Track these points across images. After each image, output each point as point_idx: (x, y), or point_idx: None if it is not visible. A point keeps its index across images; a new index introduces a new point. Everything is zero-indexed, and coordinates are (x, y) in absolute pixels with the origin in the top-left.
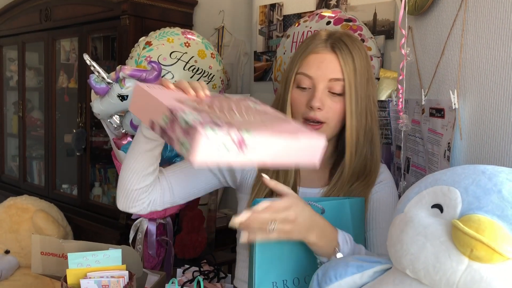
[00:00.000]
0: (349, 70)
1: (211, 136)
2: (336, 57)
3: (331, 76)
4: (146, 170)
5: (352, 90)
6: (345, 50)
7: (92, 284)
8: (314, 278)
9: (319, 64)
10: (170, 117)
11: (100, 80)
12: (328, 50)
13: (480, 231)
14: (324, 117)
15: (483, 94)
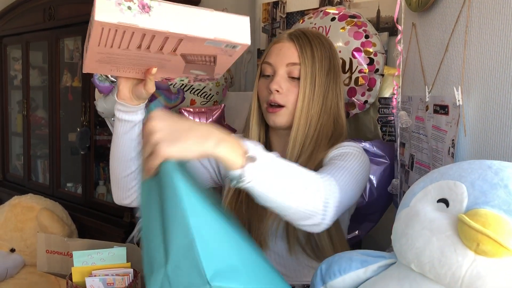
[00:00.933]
0: (306, 56)
1: None
2: (293, 44)
3: (288, 61)
4: (129, 155)
5: (307, 73)
6: (303, 39)
7: (97, 281)
8: (317, 273)
9: (278, 51)
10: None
11: (104, 79)
12: (287, 39)
13: (487, 225)
14: (283, 100)
15: (487, 90)
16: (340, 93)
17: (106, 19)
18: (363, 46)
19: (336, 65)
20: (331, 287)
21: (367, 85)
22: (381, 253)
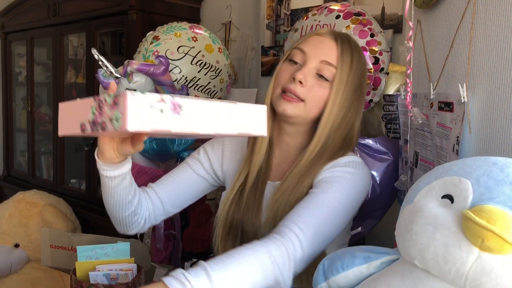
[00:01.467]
0: (345, 61)
1: (140, 96)
2: (335, 44)
3: (324, 58)
4: (125, 200)
5: (342, 81)
6: (346, 43)
7: (100, 276)
8: (320, 268)
9: (317, 43)
10: (98, 103)
11: (108, 75)
12: (330, 36)
13: (492, 221)
14: (304, 95)
15: (493, 87)
16: (360, 113)
17: (139, 127)
18: (368, 45)
19: (364, 84)
20: (334, 283)
21: (372, 84)
22: (384, 249)
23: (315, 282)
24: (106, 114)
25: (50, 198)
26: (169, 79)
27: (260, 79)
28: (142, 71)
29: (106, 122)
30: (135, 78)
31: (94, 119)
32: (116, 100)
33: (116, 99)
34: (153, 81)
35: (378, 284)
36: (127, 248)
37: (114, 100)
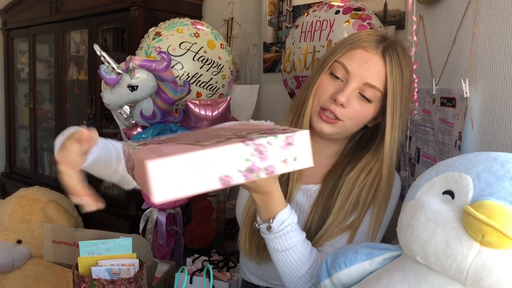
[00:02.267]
0: (395, 83)
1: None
2: (383, 64)
3: (368, 81)
4: (108, 173)
5: (396, 105)
6: (395, 60)
7: (103, 272)
8: (323, 265)
9: (363, 62)
10: (254, 147)
11: (110, 71)
12: (377, 52)
13: (492, 216)
14: (343, 115)
15: (495, 82)
16: (406, 121)
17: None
18: None
19: (412, 90)
20: (337, 279)
21: None
22: (386, 245)
23: (318, 279)
24: (273, 157)
25: (53, 194)
26: (171, 75)
27: (262, 76)
28: (144, 67)
29: (277, 165)
30: (137, 74)
31: (250, 166)
32: (290, 140)
33: (289, 140)
34: (155, 77)
35: (381, 280)
36: (129, 243)
37: (286, 141)
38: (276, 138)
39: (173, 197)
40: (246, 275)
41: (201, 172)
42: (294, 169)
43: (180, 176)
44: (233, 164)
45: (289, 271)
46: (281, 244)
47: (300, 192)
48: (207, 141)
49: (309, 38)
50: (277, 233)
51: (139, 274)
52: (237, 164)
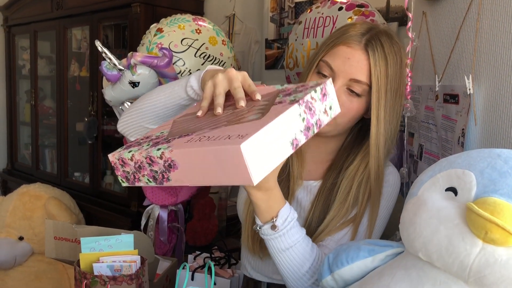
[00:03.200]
0: (380, 75)
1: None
2: (366, 58)
3: (353, 77)
4: (167, 117)
5: (381, 96)
6: (378, 52)
7: (104, 268)
8: (325, 262)
9: (345, 59)
10: (305, 105)
11: (112, 67)
12: (360, 47)
13: (495, 213)
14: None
15: (499, 78)
16: (401, 111)
17: (265, 173)
18: None
19: (404, 78)
20: (339, 275)
21: None
22: (388, 242)
23: (320, 276)
24: (318, 110)
25: (54, 191)
26: (172, 71)
27: (264, 72)
28: (145, 63)
29: (321, 117)
30: (139, 70)
31: (306, 124)
32: (324, 91)
33: (323, 91)
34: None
35: (383, 277)
36: (131, 240)
37: (322, 92)
38: (316, 92)
39: (264, 174)
40: (247, 271)
41: (278, 141)
42: (331, 117)
43: (265, 151)
44: (297, 126)
45: (292, 269)
46: (284, 243)
47: (301, 188)
48: (249, 115)
49: (312, 34)
50: (281, 231)
51: (141, 271)
52: (299, 125)
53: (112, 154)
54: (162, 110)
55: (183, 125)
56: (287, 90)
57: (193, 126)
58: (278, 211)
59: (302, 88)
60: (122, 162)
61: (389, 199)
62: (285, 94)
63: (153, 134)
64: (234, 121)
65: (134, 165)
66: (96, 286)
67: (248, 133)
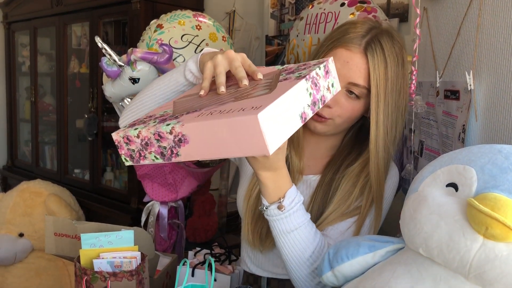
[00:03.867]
0: (379, 79)
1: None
2: (365, 62)
3: (352, 80)
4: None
5: (380, 100)
6: (378, 55)
7: (104, 264)
8: (325, 257)
9: (345, 62)
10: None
11: (112, 63)
12: (359, 50)
13: (496, 209)
14: (331, 114)
15: (500, 74)
16: (405, 110)
17: (279, 143)
18: None
19: (406, 79)
20: (339, 271)
21: None
22: (389, 238)
23: (320, 271)
24: (322, 86)
25: (54, 187)
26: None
27: None
28: (145, 59)
29: (325, 93)
30: (139, 67)
31: (313, 99)
32: (327, 69)
33: (326, 68)
34: (156, 69)
35: (383, 273)
36: (131, 236)
37: (325, 70)
38: (320, 69)
39: (279, 144)
40: (247, 267)
41: (289, 113)
42: (333, 94)
43: (279, 122)
44: (304, 100)
45: (295, 254)
46: (289, 224)
47: (301, 183)
48: (256, 92)
49: (313, 30)
50: (287, 212)
51: (141, 267)
52: (306, 99)
53: (116, 133)
54: (162, 99)
55: (187, 104)
56: (289, 69)
57: (198, 104)
58: (286, 192)
59: (304, 66)
60: (127, 140)
61: (388, 197)
62: (288, 72)
63: (157, 113)
64: (242, 97)
65: (140, 142)
66: (96, 282)
67: (262, 105)
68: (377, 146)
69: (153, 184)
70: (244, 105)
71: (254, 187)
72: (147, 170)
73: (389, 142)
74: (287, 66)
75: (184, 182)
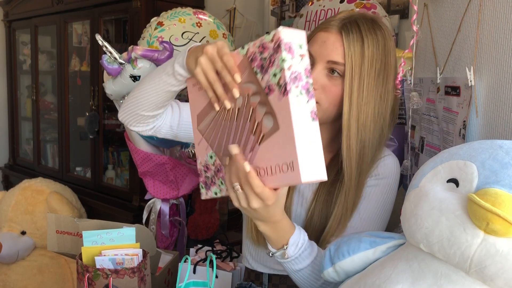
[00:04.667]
0: (354, 54)
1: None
2: (340, 38)
3: (330, 58)
4: (161, 104)
5: (355, 76)
6: (354, 33)
7: (106, 261)
8: (326, 254)
9: (322, 43)
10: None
11: (113, 61)
12: (335, 29)
13: (497, 204)
14: (317, 97)
15: (500, 70)
16: (388, 99)
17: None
18: None
19: (390, 64)
20: (340, 267)
21: None
22: (390, 234)
23: (321, 267)
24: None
25: (56, 185)
26: None
27: None
28: (146, 57)
29: (299, 69)
30: (139, 64)
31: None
32: (286, 45)
33: (285, 45)
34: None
35: (384, 268)
36: (133, 233)
37: (286, 48)
38: (284, 60)
39: (321, 165)
40: (249, 263)
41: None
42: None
43: (311, 153)
44: (304, 104)
45: (309, 284)
46: (298, 265)
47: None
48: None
49: (313, 27)
50: (293, 257)
51: (143, 264)
52: (303, 100)
53: (199, 162)
54: (155, 97)
55: (218, 141)
56: (254, 58)
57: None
58: (289, 239)
59: (266, 53)
60: (206, 168)
61: (385, 191)
62: (259, 67)
63: (204, 160)
64: (257, 133)
65: (214, 169)
66: (98, 280)
67: (291, 158)
68: (349, 128)
69: (154, 181)
70: (275, 159)
71: None
72: (148, 167)
73: (365, 126)
74: (249, 50)
75: (185, 180)
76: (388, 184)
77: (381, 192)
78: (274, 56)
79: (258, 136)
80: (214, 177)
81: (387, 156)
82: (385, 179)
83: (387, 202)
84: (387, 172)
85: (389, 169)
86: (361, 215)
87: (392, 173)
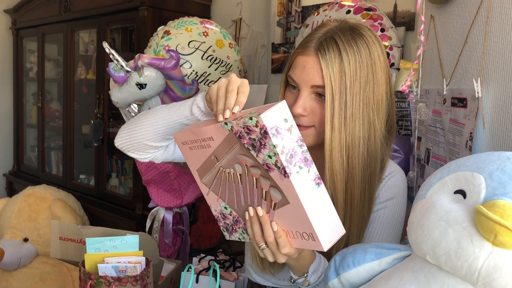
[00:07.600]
0: (332, 74)
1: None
2: (318, 61)
3: (313, 83)
4: (168, 136)
5: (335, 97)
6: (331, 51)
7: (109, 269)
8: (331, 264)
9: (302, 68)
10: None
11: (119, 69)
12: (312, 52)
13: (505, 216)
14: (310, 122)
15: (508, 81)
16: (382, 106)
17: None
18: None
19: (377, 72)
20: (345, 278)
21: None
22: (396, 245)
23: (326, 278)
24: (293, 146)
25: (59, 193)
26: (179, 74)
27: (270, 76)
28: (152, 65)
29: (295, 147)
30: (146, 72)
31: (304, 164)
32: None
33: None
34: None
35: (390, 280)
36: (136, 241)
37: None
38: (273, 141)
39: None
40: (252, 276)
41: (316, 199)
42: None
43: (326, 221)
44: (307, 177)
45: None
46: None
47: None
48: (272, 193)
49: None
50: (314, 283)
51: (146, 272)
52: (305, 173)
53: (214, 210)
54: (163, 128)
55: (228, 196)
56: (242, 136)
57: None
58: (309, 267)
59: (248, 131)
60: (223, 216)
61: (394, 211)
62: (250, 145)
63: (219, 209)
64: (268, 200)
65: (232, 218)
66: (101, 287)
67: (310, 231)
68: (331, 150)
69: (158, 189)
70: (290, 222)
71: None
72: (153, 175)
73: (351, 147)
74: (235, 129)
75: (189, 188)
76: (395, 204)
77: (390, 213)
78: (264, 140)
79: (270, 203)
80: (234, 225)
81: (390, 176)
82: (391, 199)
83: (398, 220)
84: (393, 193)
85: (395, 190)
86: (373, 240)
87: (399, 192)
